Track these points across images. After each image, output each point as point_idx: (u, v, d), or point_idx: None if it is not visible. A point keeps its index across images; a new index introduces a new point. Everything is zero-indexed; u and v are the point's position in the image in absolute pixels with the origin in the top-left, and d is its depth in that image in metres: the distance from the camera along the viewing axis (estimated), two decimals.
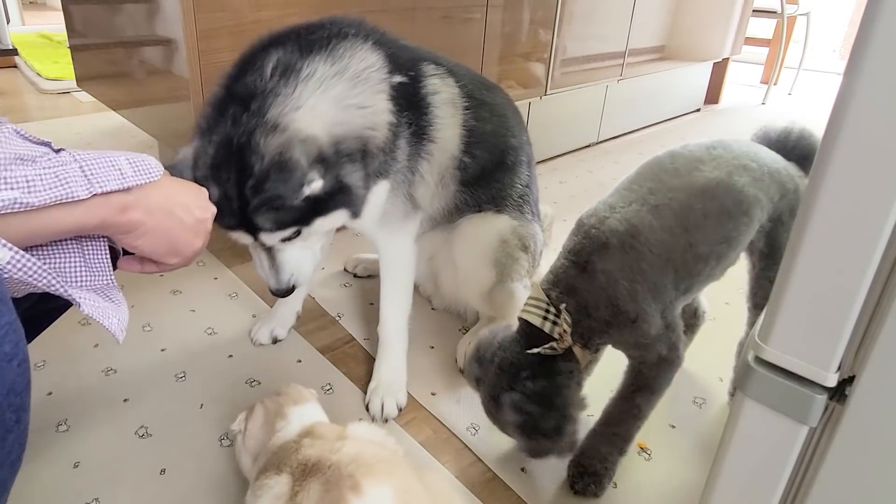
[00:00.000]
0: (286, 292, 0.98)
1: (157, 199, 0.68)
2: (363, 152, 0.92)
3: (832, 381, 0.46)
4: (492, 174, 1.15)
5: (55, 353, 1.15)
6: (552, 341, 0.85)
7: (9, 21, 3.89)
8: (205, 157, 0.85)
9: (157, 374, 1.13)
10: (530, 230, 1.21)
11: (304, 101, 0.87)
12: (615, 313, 0.84)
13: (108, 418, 1.02)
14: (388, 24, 1.05)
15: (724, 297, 1.45)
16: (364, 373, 1.18)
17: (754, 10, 3.32)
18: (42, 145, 0.60)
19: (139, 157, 0.66)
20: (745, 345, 0.83)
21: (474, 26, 1.79)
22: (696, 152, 0.95)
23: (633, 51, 2.50)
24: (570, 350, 0.86)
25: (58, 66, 3.31)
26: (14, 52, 3.56)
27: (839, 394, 0.46)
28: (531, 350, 0.86)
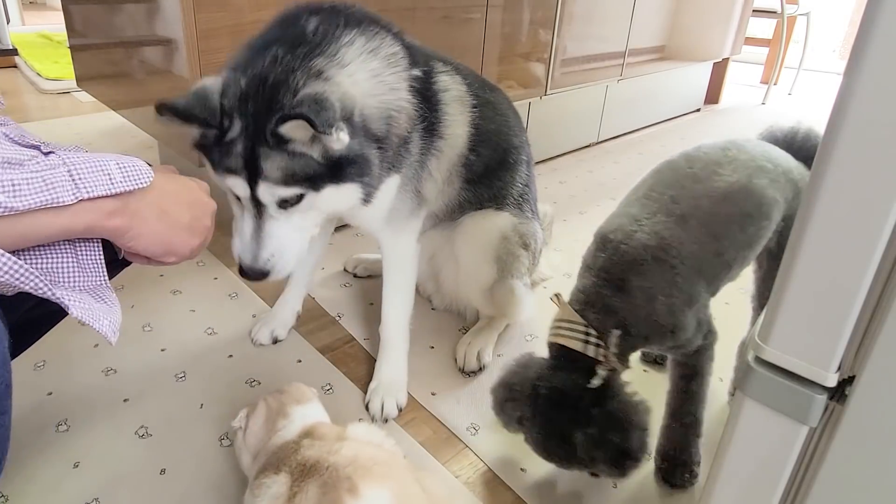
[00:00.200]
0: (258, 275, 0.87)
1: (148, 202, 0.67)
2: (385, 136, 0.90)
3: (832, 381, 0.46)
4: (495, 172, 1.16)
5: (55, 353, 1.15)
6: (597, 364, 0.82)
7: (9, 21, 3.89)
8: (235, 87, 0.81)
9: (157, 374, 1.13)
10: (530, 228, 1.22)
11: (347, 63, 0.86)
12: (653, 328, 0.84)
13: (108, 418, 1.02)
14: None
15: (725, 297, 1.44)
16: (364, 373, 1.18)
17: (754, 10, 3.32)
18: (31, 148, 0.59)
19: (130, 162, 0.65)
20: (745, 345, 0.83)
21: (474, 26, 1.79)
22: (711, 155, 0.93)
23: (633, 51, 2.50)
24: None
25: (58, 66, 3.31)
26: (14, 52, 3.56)
27: (839, 394, 0.46)
28: (591, 384, 0.82)
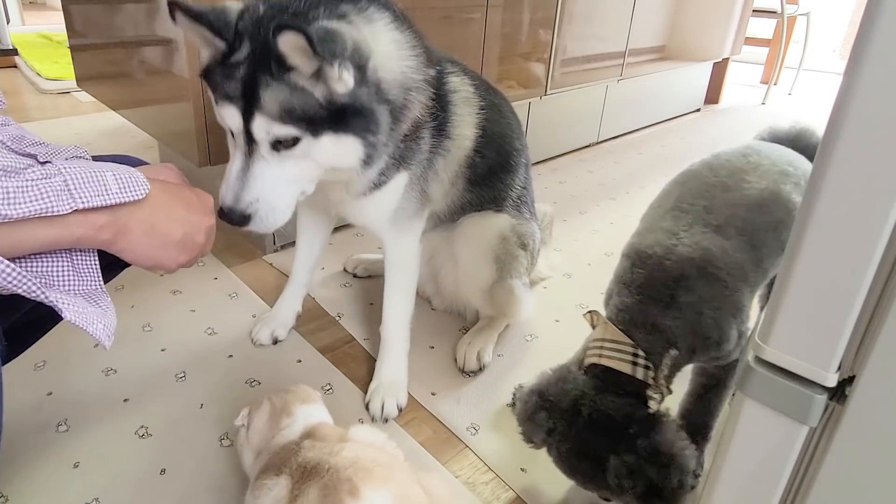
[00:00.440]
0: (238, 219, 0.82)
1: (138, 218, 0.66)
2: (401, 108, 0.88)
3: (832, 381, 0.46)
4: (497, 175, 1.17)
5: (55, 354, 1.15)
6: (646, 388, 0.79)
7: (9, 21, 3.89)
8: (253, 12, 0.79)
9: (157, 374, 1.13)
10: (529, 229, 1.23)
11: (374, 21, 0.85)
12: (700, 342, 0.82)
13: (108, 418, 1.02)
14: None
15: None
16: (364, 373, 1.18)
17: (754, 10, 3.32)
18: (28, 157, 0.59)
19: (126, 173, 0.65)
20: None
21: (474, 26, 1.79)
22: (734, 161, 0.92)
23: (633, 51, 2.50)
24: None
25: (58, 66, 3.31)
26: (14, 52, 3.56)
27: (839, 394, 0.46)
28: (650, 408, 0.77)
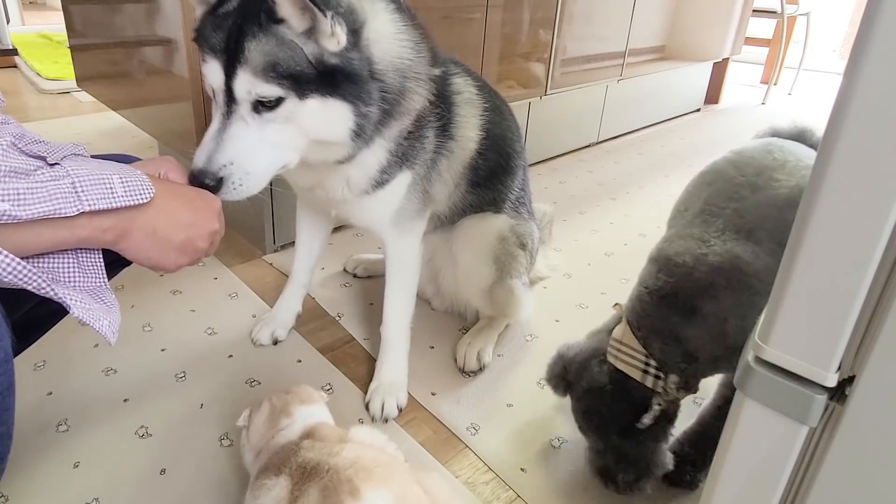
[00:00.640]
0: (210, 182, 0.78)
1: (140, 223, 0.67)
2: (396, 92, 0.87)
3: (832, 381, 0.46)
4: (497, 177, 1.18)
5: (55, 353, 1.15)
6: (653, 394, 0.81)
7: (9, 21, 3.89)
8: None
9: (157, 374, 1.13)
10: (527, 228, 1.23)
11: (374, 0, 0.85)
12: (724, 350, 0.80)
13: (108, 418, 1.02)
14: None
15: None
16: (364, 373, 1.18)
17: (754, 10, 3.32)
18: (37, 159, 0.60)
19: (132, 176, 0.65)
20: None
21: (474, 26, 1.79)
22: (759, 158, 0.90)
23: (633, 51, 2.50)
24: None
25: (58, 66, 3.31)
26: (14, 52, 3.56)
27: (839, 394, 0.46)
28: (643, 423, 0.81)
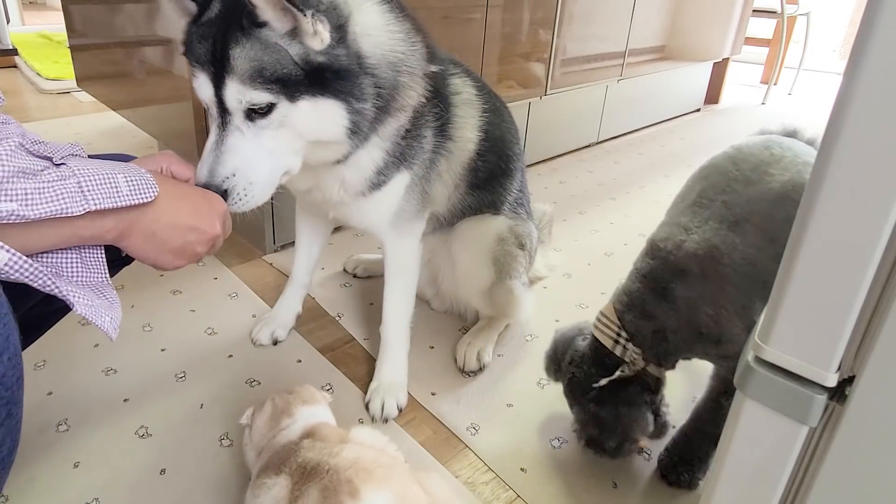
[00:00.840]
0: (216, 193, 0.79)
1: (141, 225, 0.68)
2: (391, 87, 0.86)
3: (832, 381, 0.46)
4: (497, 179, 1.17)
5: (55, 353, 1.15)
6: (624, 363, 0.87)
7: (9, 21, 3.89)
8: None
9: (157, 374, 1.13)
10: (526, 229, 1.23)
11: None
12: (696, 335, 0.83)
13: (108, 418, 1.02)
14: None
15: None
16: (364, 373, 1.18)
17: (754, 10, 3.32)
18: (44, 159, 0.60)
19: (137, 175, 0.66)
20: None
21: (474, 26, 1.79)
22: (756, 154, 0.92)
23: (633, 51, 2.50)
24: (643, 369, 0.87)
25: (58, 66, 3.31)
26: (14, 52, 3.56)
27: (839, 394, 0.46)
28: (599, 383, 0.88)
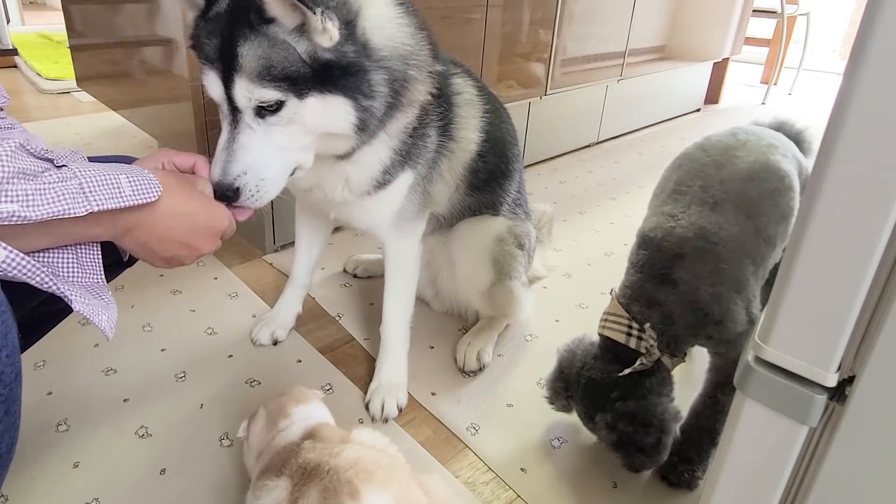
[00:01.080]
0: (228, 192, 0.79)
1: (136, 235, 0.68)
2: (401, 79, 0.85)
3: (832, 381, 0.46)
4: (496, 180, 1.18)
5: (55, 353, 1.15)
6: (638, 355, 0.86)
7: (9, 21, 3.89)
8: None
9: (157, 374, 1.13)
10: (525, 229, 1.24)
11: None
12: (700, 317, 0.85)
13: (108, 418, 1.02)
14: None
15: None
16: (364, 373, 1.18)
17: (754, 10, 3.32)
18: (45, 160, 0.61)
19: (140, 175, 0.66)
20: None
21: (474, 26, 1.79)
22: (724, 140, 0.97)
23: (633, 51, 2.50)
24: (658, 361, 0.87)
25: (58, 66, 3.31)
26: (14, 52, 3.56)
27: (839, 394, 0.46)
28: (622, 373, 0.86)
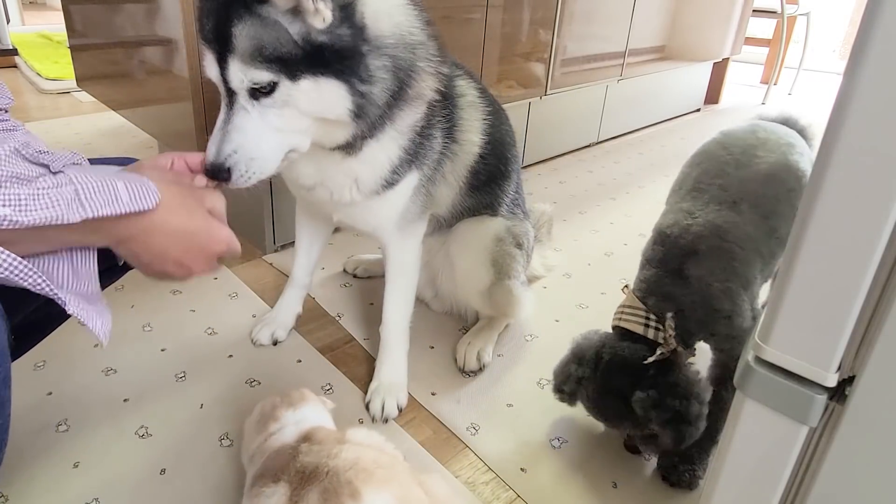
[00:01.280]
0: (220, 172, 0.80)
1: (130, 246, 0.68)
2: (407, 68, 0.85)
3: (832, 381, 0.46)
4: (496, 181, 1.18)
5: (55, 353, 1.15)
6: (657, 346, 0.88)
7: (9, 21, 3.89)
8: None
9: (157, 374, 1.13)
10: (523, 228, 1.24)
11: None
12: (711, 312, 0.88)
13: (108, 418, 1.02)
14: None
15: None
16: (364, 373, 1.18)
17: (754, 10, 3.32)
18: (41, 166, 0.60)
19: (138, 182, 0.65)
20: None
21: (474, 26, 1.79)
22: (744, 138, 0.99)
23: (633, 51, 2.50)
24: (673, 351, 0.89)
25: (58, 66, 3.31)
26: (14, 52, 3.56)
27: (839, 394, 0.46)
28: (648, 360, 0.86)
